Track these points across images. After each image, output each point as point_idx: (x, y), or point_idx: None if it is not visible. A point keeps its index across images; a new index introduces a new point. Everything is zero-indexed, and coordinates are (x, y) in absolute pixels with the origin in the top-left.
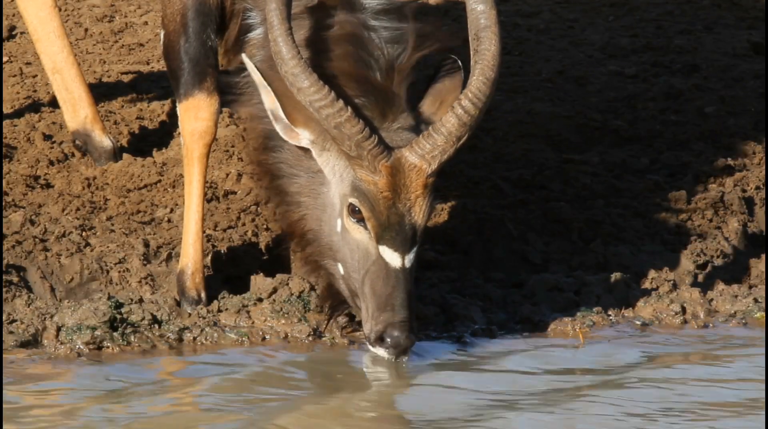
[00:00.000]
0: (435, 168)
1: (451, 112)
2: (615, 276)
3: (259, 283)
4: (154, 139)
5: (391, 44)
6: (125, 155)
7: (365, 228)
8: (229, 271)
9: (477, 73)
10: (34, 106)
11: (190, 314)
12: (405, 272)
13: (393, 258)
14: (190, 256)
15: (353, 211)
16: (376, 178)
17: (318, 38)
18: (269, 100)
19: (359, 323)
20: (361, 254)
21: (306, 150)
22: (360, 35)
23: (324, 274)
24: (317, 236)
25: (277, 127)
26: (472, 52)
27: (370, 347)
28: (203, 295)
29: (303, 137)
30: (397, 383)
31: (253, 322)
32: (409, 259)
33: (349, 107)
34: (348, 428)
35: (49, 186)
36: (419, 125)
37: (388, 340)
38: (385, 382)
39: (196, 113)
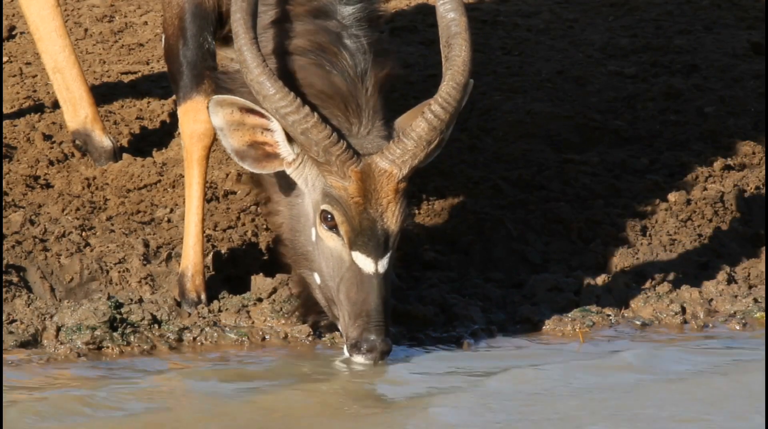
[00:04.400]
0: (406, 173)
1: (422, 117)
2: (615, 276)
3: (259, 283)
4: (154, 139)
5: (362, 54)
6: (125, 155)
7: (338, 235)
8: (229, 271)
9: (447, 78)
10: (34, 106)
11: (189, 314)
12: (379, 278)
13: (366, 264)
14: (191, 259)
15: (326, 219)
16: (346, 184)
17: (291, 46)
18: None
19: None
20: (335, 262)
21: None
22: (330, 45)
23: (302, 283)
24: (293, 246)
25: (245, 165)
26: (443, 59)
27: (347, 354)
28: (203, 297)
29: (289, 154)
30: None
31: (253, 322)
32: (383, 264)
33: (315, 113)
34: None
35: (49, 186)
36: (392, 133)
37: (364, 345)
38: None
39: (194, 116)
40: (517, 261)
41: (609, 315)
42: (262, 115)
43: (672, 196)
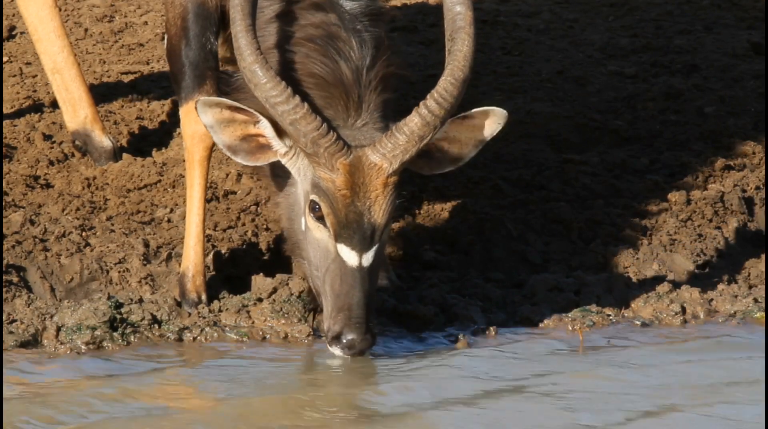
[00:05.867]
0: (396, 167)
1: (415, 112)
2: (615, 276)
3: (259, 283)
4: (154, 139)
5: (365, 47)
6: (125, 155)
7: (325, 226)
8: (229, 271)
9: (446, 73)
10: (34, 106)
11: (190, 314)
12: (362, 271)
13: (350, 257)
14: (191, 259)
15: (314, 209)
16: (334, 176)
17: (293, 38)
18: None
19: None
20: (322, 253)
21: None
22: (334, 36)
23: (302, 272)
24: (289, 235)
25: (238, 159)
26: (446, 53)
27: (328, 347)
28: (204, 297)
29: (281, 147)
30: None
31: (253, 322)
32: (367, 258)
33: (305, 104)
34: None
35: (49, 186)
36: (389, 126)
37: (344, 340)
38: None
39: (196, 116)
40: (517, 261)
41: (609, 315)
42: (250, 114)
43: (672, 196)
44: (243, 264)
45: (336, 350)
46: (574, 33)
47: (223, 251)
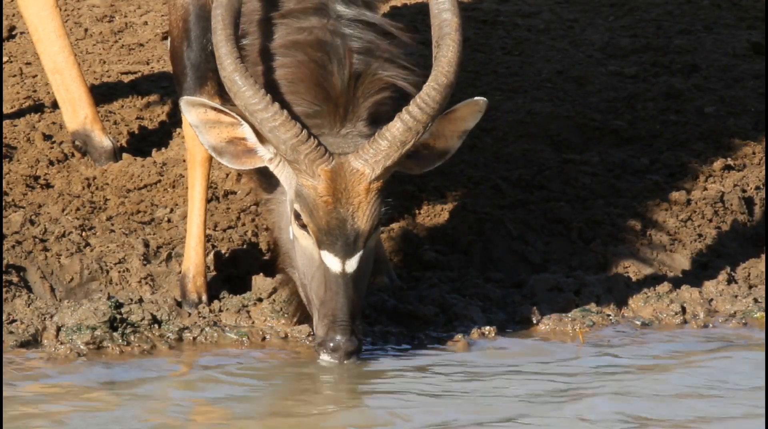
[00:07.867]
0: (379, 173)
1: (398, 117)
2: (615, 276)
3: (259, 283)
4: (154, 139)
5: (358, 54)
6: (125, 155)
7: (309, 233)
8: (229, 271)
9: (430, 79)
10: (34, 106)
11: (190, 314)
12: (346, 278)
13: (333, 263)
14: (192, 260)
15: (298, 217)
16: (315, 183)
17: (283, 42)
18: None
19: None
20: (308, 260)
21: None
22: (326, 42)
23: (292, 283)
24: (280, 244)
25: (223, 161)
26: (433, 59)
27: (317, 355)
28: (204, 297)
29: (265, 153)
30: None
31: (253, 322)
32: (351, 264)
33: (284, 111)
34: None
35: (49, 186)
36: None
37: (330, 344)
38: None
39: None
40: (517, 261)
41: (609, 315)
42: (233, 117)
43: (672, 196)
44: (243, 264)
45: (324, 356)
46: (574, 33)
47: (223, 251)
